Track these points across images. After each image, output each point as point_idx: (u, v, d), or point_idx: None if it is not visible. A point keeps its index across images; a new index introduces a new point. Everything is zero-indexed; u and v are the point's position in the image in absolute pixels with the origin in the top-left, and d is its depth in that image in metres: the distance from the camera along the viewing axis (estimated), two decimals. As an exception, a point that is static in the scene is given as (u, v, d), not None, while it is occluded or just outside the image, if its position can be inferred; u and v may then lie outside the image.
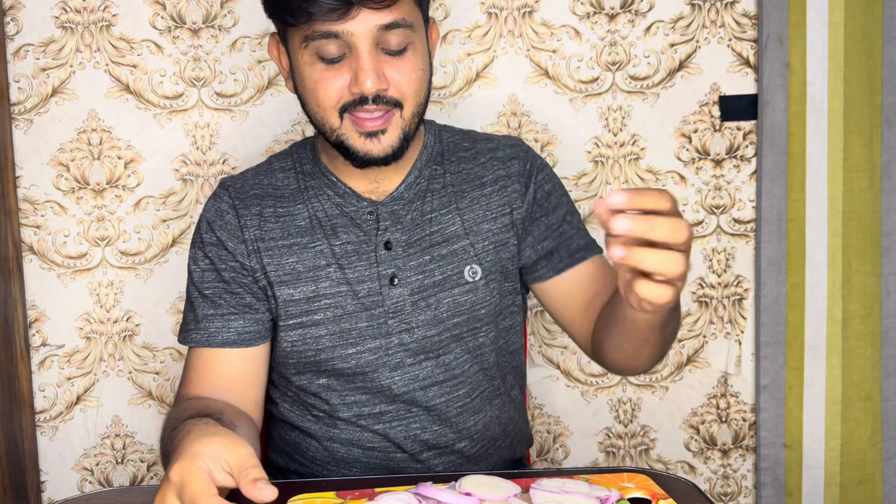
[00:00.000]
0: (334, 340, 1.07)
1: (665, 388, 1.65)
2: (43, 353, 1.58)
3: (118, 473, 1.62)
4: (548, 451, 1.67)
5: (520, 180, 1.12)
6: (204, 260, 1.09)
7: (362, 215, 1.08)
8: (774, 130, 1.56)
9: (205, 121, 1.54)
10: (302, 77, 1.01)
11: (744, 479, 1.68)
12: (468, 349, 1.10)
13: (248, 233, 1.08)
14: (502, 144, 1.15)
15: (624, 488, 0.87)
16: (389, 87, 0.98)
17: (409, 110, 1.01)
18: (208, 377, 1.06)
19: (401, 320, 1.07)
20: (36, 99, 1.53)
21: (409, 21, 0.98)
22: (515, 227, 1.12)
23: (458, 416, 1.10)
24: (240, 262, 1.07)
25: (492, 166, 1.13)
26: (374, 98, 0.97)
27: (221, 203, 1.10)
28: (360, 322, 1.07)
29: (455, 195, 1.11)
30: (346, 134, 1.01)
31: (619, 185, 1.60)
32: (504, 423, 1.16)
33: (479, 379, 1.12)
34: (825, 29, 1.53)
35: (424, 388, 1.09)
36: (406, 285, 1.07)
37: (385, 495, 0.83)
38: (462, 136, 1.17)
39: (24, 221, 1.55)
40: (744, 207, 1.61)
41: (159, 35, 1.52)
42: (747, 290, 1.63)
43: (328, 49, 0.97)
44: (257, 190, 1.11)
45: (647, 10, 1.56)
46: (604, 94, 1.58)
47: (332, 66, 0.98)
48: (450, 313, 1.08)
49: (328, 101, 0.99)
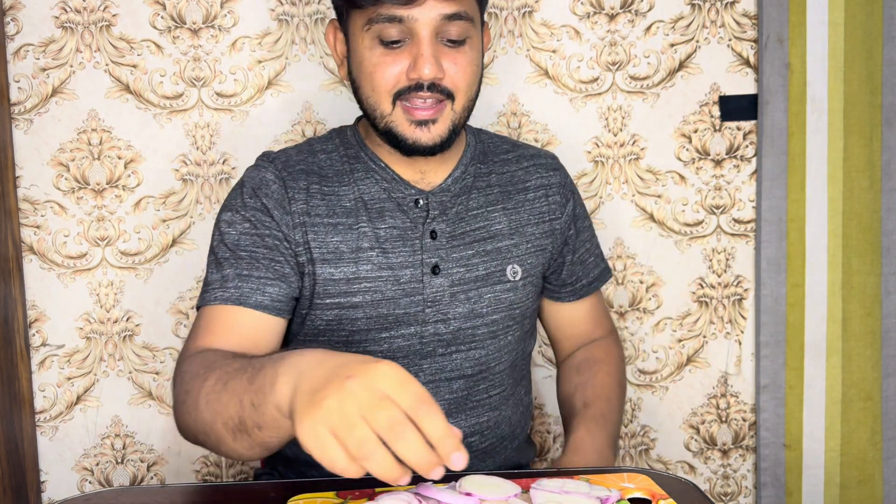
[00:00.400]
0: (370, 324, 1.07)
1: (665, 388, 1.65)
2: (43, 353, 1.58)
3: (118, 473, 1.62)
4: (548, 451, 1.67)
5: (560, 192, 1.18)
6: (243, 223, 1.05)
7: (408, 202, 1.09)
8: (774, 130, 1.56)
9: (205, 121, 1.54)
10: (360, 60, 1.02)
11: (744, 479, 1.68)
12: (499, 347, 1.12)
13: (294, 206, 1.06)
14: (542, 154, 1.21)
15: (624, 488, 0.87)
16: (445, 76, 1.00)
17: (461, 103, 1.03)
18: (233, 334, 1.00)
19: (438, 310, 1.08)
20: (36, 99, 1.53)
21: (470, 15, 1.01)
22: (554, 236, 1.17)
23: (474, 410, 1.12)
24: (283, 233, 1.05)
25: (535, 172, 1.17)
26: (429, 86, 0.99)
27: (266, 173, 1.08)
28: (397, 308, 1.07)
29: (501, 195, 1.14)
30: (397, 121, 1.02)
31: (619, 185, 1.60)
32: (514, 424, 1.18)
33: (501, 377, 1.14)
34: (825, 29, 1.53)
35: (449, 379, 1.10)
36: (447, 276, 1.08)
37: (385, 495, 0.83)
38: (500, 140, 1.21)
39: (24, 221, 1.55)
40: (744, 207, 1.61)
41: (159, 35, 1.52)
42: (747, 290, 1.63)
43: (389, 32, 0.98)
44: (303, 166, 1.10)
45: (647, 10, 1.56)
46: (604, 94, 1.58)
47: (392, 51, 1.00)
48: (490, 309, 1.10)
49: (384, 86, 1.01)
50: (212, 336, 1.00)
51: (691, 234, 1.62)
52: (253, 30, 1.53)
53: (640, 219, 1.61)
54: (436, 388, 1.10)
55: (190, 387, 0.90)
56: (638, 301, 1.63)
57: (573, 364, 1.25)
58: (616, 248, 1.61)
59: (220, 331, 1.00)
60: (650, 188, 1.60)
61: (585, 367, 1.23)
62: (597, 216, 1.60)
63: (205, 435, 0.87)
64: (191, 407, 0.88)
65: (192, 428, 0.90)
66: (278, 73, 1.54)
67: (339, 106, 1.55)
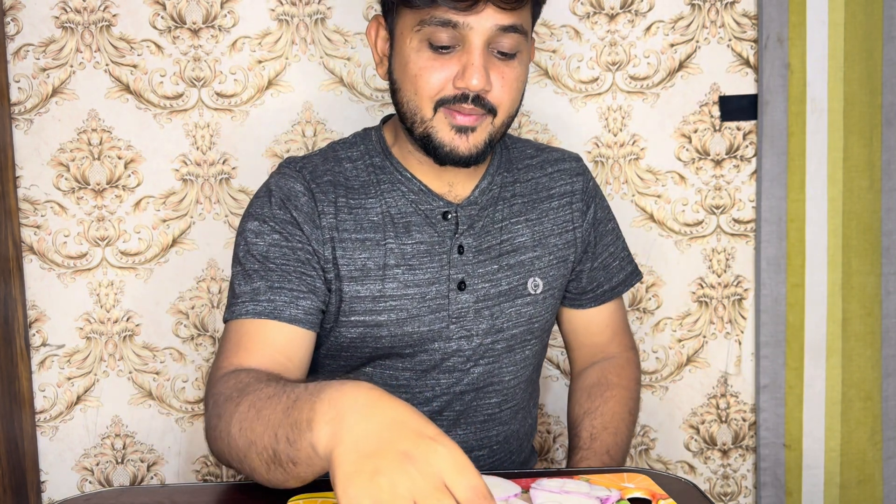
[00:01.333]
0: (394, 342, 1.05)
1: (665, 388, 1.65)
2: (43, 353, 1.58)
3: (118, 473, 1.62)
4: (548, 451, 1.67)
5: (583, 198, 1.14)
6: (272, 234, 1.01)
7: (436, 215, 1.05)
8: (774, 130, 1.56)
9: (205, 121, 1.54)
10: (405, 62, 0.98)
11: (744, 479, 1.68)
12: (514, 361, 1.10)
13: (324, 220, 1.03)
14: (567, 157, 1.16)
15: (624, 488, 0.87)
16: (491, 90, 0.96)
17: (501, 119, 0.99)
18: (267, 349, 0.96)
19: (462, 326, 1.05)
20: (36, 99, 1.53)
21: (525, 28, 0.97)
22: (576, 246, 1.14)
23: (484, 424, 1.10)
24: (314, 248, 1.02)
25: (560, 179, 1.13)
26: (473, 98, 0.95)
27: (295, 184, 1.04)
28: (422, 326, 1.04)
29: (525, 206, 1.10)
30: (437, 127, 0.98)
31: (619, 185, 1.60)
32: (521, 438, 1.17)
33: (514, 391, 1.12)
34: (825, 29, 1.53)
35: (463, 392, 1.08)
36: (473, 292, 1.05)
37: (385, 495, 0.83)
38: (524, 143, 1.17)
39: (24, 221, 1.55)
40: (744, 207, 1.61)
41: (159, 35, 1.52)
42: (747, 290, 1.63)
43: (440, 37, 0.94)
44: (329, 177, 1.06)
45: (647, 11, 1.56)
46: (604, 94, 1.58)
47: (440, 57, 0.95)
48: (509, 324, 1.08)
49: (428, 91, 0.96)
50: (244, 352, 0.96)
51: (691, 234, 1.62)
52: (253, 30, 1.53)
53: (639, 219, 1.61)
54: (448, 400, 1.08)
55: (222, 411, 0.86)
56: (638, 301, 1.63)
57: (585, 386, 1.20)
58: (616, 248, 1.62)
59: (253, 346, 0.96)
60: (650, 188, 1.60)
61: (597, 392, 1.18)
62: (597, 216, 1.60)
63: (239, 462, 0.84)
64: (223, 433, 0.85)
65: (225, 454, 0.87)
66: (278, 73, 1.54)
67: (340, 106, 1.55)
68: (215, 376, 0.94)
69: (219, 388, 0.90)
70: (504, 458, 1.14)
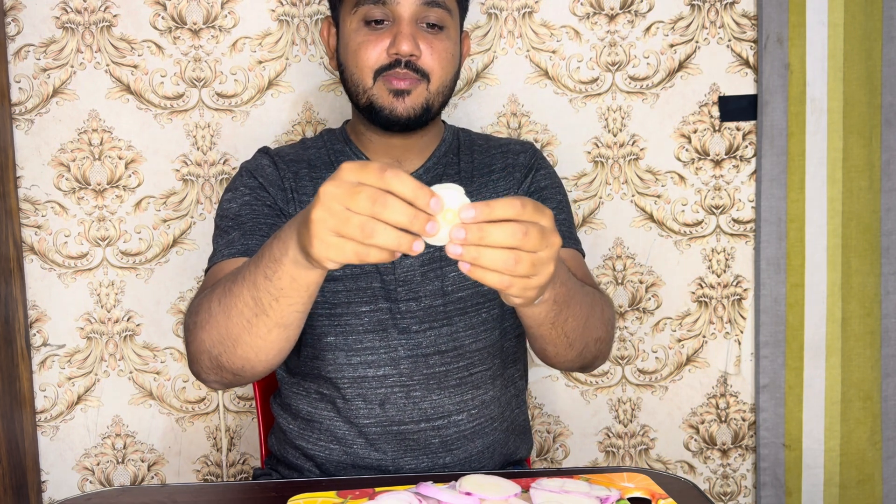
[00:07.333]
0: (350, 297, 1.13)
1: (665, 388, 1.66)
2: (44, 352, 1.58)
3: (118, 473, 1.62)
4: (548, 450, 1.67)
5: (522, 171, 1.22)
6: (243, 197, 1.14)
7: None
8: (774, 131, 1.56)
9: (205, 121, 1.55)
10: (347, 42, 1.13)
11: (743, 479, 1.68)
12: (471, 324, 1.15)
13: (286, 183, 1.16)
14: (514, 142, 1.26)
15: (624, 488, 0.87)
16: (421, 56, 1.10)
17: (435, 85, 1.12)
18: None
19: (409, 289, 1.14)
20: (37, 99, 1.53)
21: (448, 6, 1.12)
22: None
23: (457, 388, 1.14)
24: (280, 207, 1.15)
25: (502, 157, 1.22)
26: (405, 63, 1.09)
27: (262, 160, 1.19)
28: (374, 282, 1.13)
29: (465, 181, 1.19)
30: (377, 94, 1.11)
31: (618, 185, 1.60)
32: (503, 405, 1.19)
33: (481, 355, 1.16)
34: (825, 29, 1.53)
35: (427, 355, 1.13)
36: (418, 256, 1.13)
37: (385, 495, 0.83)
38: (479, 136, 1.27)
39: (24, 221, 1.55)
40: (743, 207, 1.61)
41: (160, 35, 1.52)
42: (747, 290, 1.63)
43: (373, 13, 1.10)
44: (293, 156, 1.21)
45: (647, 11, 1.56)
46: (603, 94, 1.58)
47: (375, 31, 1.11)
48: (454, 287, 1.15)
49: (367, 62, 1.11)
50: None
51: (691, 234, 1.62)
52: (253, 30, 1.53)
53: (639, 219, 1.61)
54: (414, 362, 1.13)
55: (199, 308, 0.95)
56: (637, 301, 1.63)
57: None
58: (616, 248, 1.62)
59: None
60: (650, 188, 1.60)
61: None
62: (596, 216, 1.60)
63: (221, 344, 0.91)
64: (203, 322, 0.93)
65: (206, 344, 0.93)
66: (278, 73, 1.54)
67: (339, 106, 1.55)
68: (191, 304, 1.02)
69: (194, 302, 0.99)
70: (485, 424, 1.16)
